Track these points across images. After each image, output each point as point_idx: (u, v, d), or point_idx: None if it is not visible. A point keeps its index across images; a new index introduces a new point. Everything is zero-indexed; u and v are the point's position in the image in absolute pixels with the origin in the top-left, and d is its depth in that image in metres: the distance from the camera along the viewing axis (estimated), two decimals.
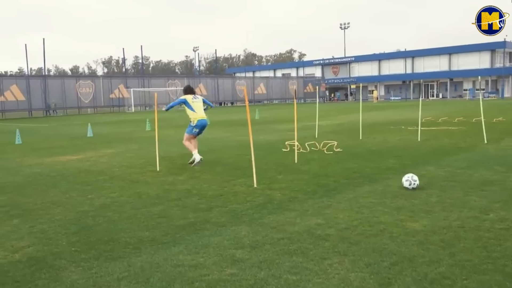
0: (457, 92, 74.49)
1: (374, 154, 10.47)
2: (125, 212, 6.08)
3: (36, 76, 59.91)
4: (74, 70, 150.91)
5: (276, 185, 7.44)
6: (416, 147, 11.65)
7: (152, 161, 10.56)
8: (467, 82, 73.79)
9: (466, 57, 72.32)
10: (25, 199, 7.13)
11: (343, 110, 36.60)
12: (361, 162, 9.34)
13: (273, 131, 17.50)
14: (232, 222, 5.43)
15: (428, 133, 14.72)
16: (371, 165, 8.94)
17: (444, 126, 17.20)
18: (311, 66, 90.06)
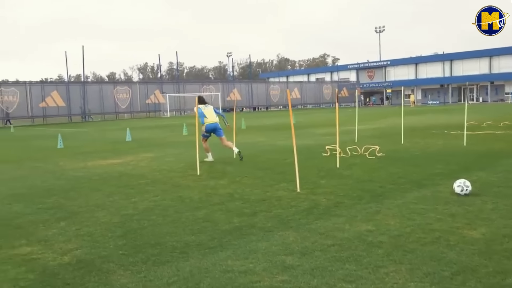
0: (498, 96, 72.10)
1: (418, 159, 10.14)
2: (169, 216, 6.05)
3: (75, 82, 61.62)
4: (111, 76, 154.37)
5: (320, 190, 7.27)
6: (462, 152, 11.23)
7: (192, 165, 10.56)
8: (509, 85, 71.35)
9: (507, 59, 69.94)
10: (70, 202, 7.22)
11: (380, 114, 35.95)
12: (406, 167, 9.05)
13: (311, 136, 17.29)
14: (278, 227, 5.30)
15: (474, 137, 14.19)
16: (417, 170, 8.64)
17: (490, 131, 16.57)
18: (345, 71, 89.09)
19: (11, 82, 48.93)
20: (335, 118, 10.05)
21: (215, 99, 57.89)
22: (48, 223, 6.04)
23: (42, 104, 45.27)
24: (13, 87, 44.73)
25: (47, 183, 9.05)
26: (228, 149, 11.55)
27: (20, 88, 44.66)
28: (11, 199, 7.73)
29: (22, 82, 46.25)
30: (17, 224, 6.07)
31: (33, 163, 12.39)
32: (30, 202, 7.40)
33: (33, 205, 7.12)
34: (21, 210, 6.88)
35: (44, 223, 6.05)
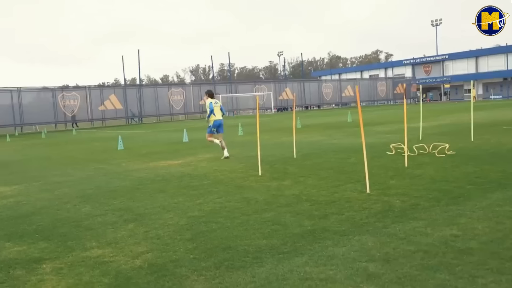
0: None
1: (494, 157, 9.47)
2: (236, 218, 5.88)
3: (131, 85, 63.50)
4: (165, 79, 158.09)
5: (392, 190, 6.88)
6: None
7: (252, 166, 10.42)
8: None
9: None
10: (136, 204, 7.23)
11: (441, 111, 34.50)
12: (482, 166, 8.45)
13: (371, 134, 16.71)
14: (353, 231, 5.00)
15: None
16: (496, 169, 8.03)
17: None
18: (400, 66, 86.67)
19: (72, 87, 51.02)
20: (392, 115, 9.61)
21: (267, 99, 57.92)
22: (117, 225, 6.04)
23: (101, 107, 46.88)
24: (74, 92, 46.64)
25: (112, 184, 9.18)
26: (215, 145, 12.64)
27: (81, 92, 46.48)
28: (79, 200, 7.86)
29: (82, 87, 48.09)
30: (87, 225, 6.11)
31: (96, 165, 12.68)
32: (97, 203, 7.49)
33: (100, 207, 7.19)
34: (89, 211, 6.96)
35: (113, 225, 6.06)
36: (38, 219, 6.70)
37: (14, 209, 7.55)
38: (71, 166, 12.90)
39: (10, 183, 10.38)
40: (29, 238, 5.70)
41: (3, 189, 9.56)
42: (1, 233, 6.04)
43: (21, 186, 9.81)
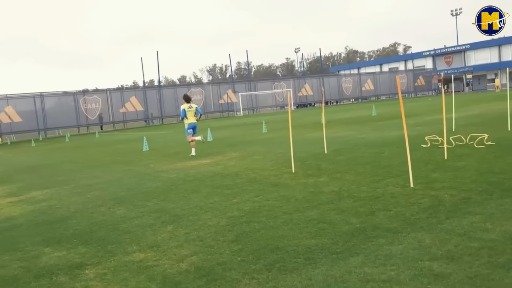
0: None
1: None
2: (278, 217, 5.67)
3: (151, 87, 63.84)
4: (182, 79, 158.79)
5: (437, 184, 6.58)
6: None
7: (283, 163, 10.20)
8: None
9: None
10: (171, 205, 7.07)
11: (466, 101, 33.73)
12: None
13: (401, 127, 16.31)
14: (406, 228, 4.74)
15: None
16: None
17: None
18: (420, 58, 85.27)
19: (92, 90, 51.45)
20: (418, 108, 9.28)
21: (286, 96, 57.54)
22: (155, 227, 5.89)
23: (122, 110, 47.17)
24: (95, 95, 47.02)
25: (143, 186, 9.05)
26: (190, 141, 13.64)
27: (102, 95, 46.83)
28: (112, 202, 7.75)
29: (103, 90, 48.47)
30: (124, 228, 5.97)
31: (124, 166, 12.61)
32: (132, 205, 7.36)
33: (135, 209, 7.06)
34: (125, 213, 6.83)
35: (151, 227, 5.90)
36: (74, 223, 6.60)
37: (49, 213, 7.48)
38: (99, 168, 12.86)
39: (41, 187, 10.36)
40: (68, 243, 5.59)
41: (35, 194, 9.53)
42: (38, 238, 5.95)
43: (52, 190, 9.77)
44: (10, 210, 8.08)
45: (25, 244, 5.76)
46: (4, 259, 5.21)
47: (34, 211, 7.79)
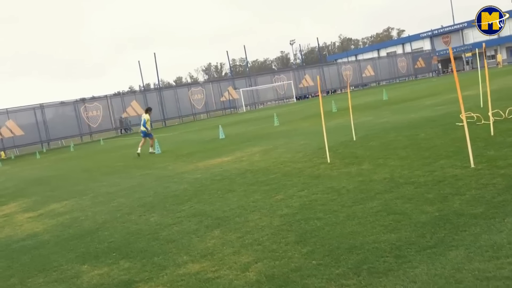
0: None
1: None
2: (338, 212, 5.09)
3: (151, 89, 63.17)
4: (178, 81, 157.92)
5: (500, 162, 6.00)
6: None
7: (312, 153, 9.66)
8: None
9: None
10: (209, 207, 6.50)
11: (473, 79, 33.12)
12: None
13: (422, 108, 15.75)
14: (496, 212, 4.17)
15: None
16: None
17: None
18: (418, 40, 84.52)
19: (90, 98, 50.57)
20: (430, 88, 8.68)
21: (288, 88, 56.99)
22: (200, 233, 5.32)
23: (124, 115, 46.56)
24: (95, 102, 46.37)
25: (170, 189, 8.48)
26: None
27: (102, 102, 46.18)
28: (142, 209, 7.18)
29: (102, 97, 47.81)
30: (166, 237, 5.41)
31: (141, 171, 12.04)
32: (165, 210, 6.80)
33: (170, 214, 6.50)
34: (160, 220, 6.26)
35: (196, 233, 5.34)
36: (107, 235, 6.04)
37: (75, 226, 6.91)
38: (115, 175, 12.28)
39: (58, 199, 9.80)
40: (107, 258, 5.03)
41: (54, 206, 8.97)
42: (72, 255, 5.39)
43: (71, 201, 9.20)
44: (32, 226, 7.51)
45: (58, 262, 5.20)
46: (39, 282, 4.66)
47: (58, 225, 7.23)
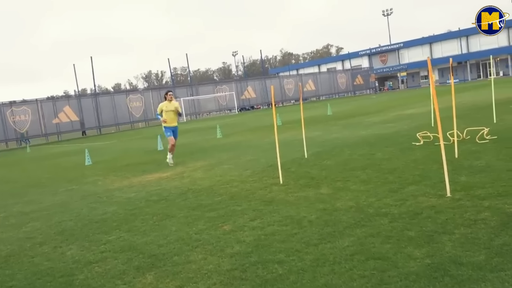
0: None
1: None
2: (303, 253, 4.14)
3: (87, 95, 60.09)
4: (116, 87, 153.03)
5: (479, 191, 5.33)
6: None
7: (261, 172, 8.72)
8: None
9: None
10: (142, 238, 5.35)
11: (413, 97, 33.83)
12: None
13: (370, 125, 15.33)
14: (502, 262, 3.38)
15: None
16: None
17: None
18: (357, 58, 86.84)
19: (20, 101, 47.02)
20: (372, 105, 8.12)
21: (229, 99, 56.19)
22: (127, 277, 4.18)
23: (56, 120, 43.65)
24: (24, 106, 43.13)
25: (97, 211, 7.21)
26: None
27: (31, 106, 42.98)
28: (59, 238, 5.90)
29: (32, 100, 44.55)
30: (82, 281, 4.22)
31: (68, 185, 10.58)
32: (86, 241, 5.57)
33: (93, 246, 5.29)
34: (79, 255, 5.04)
35: (122, 277, 4.19)
36: (7, 275, 4.73)
37: None
38: (38, 189, 10.71)
39: None
40: None
41: None
42: None
43: None
44: None
45: None
46: None
47: None
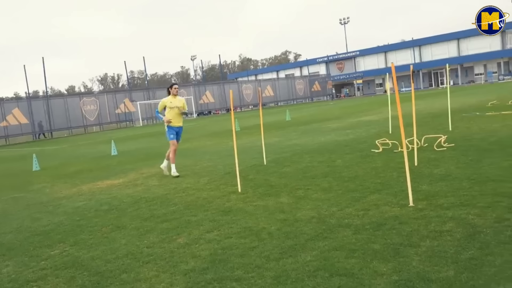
0: (468, 78, 72.41)
1: (503, 146, 8.26)
2: (263, 268, 3.86)
3: (38, 97, 57.78)
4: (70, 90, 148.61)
5: (441, 200, 5.22)
6: None
7: (218, 179, 8.42)
8: (478, 66, 71.75)
9: (475, 41, 70.30)
10: (88, 253, 4.92)
11: (370, 104, 34.42)
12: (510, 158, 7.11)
13: (329, 131, 15.29)
14: (472, 278, 3.21)
15: None
16: None
17: None
18: (315, 64, 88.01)
19: None
20: (328, 112, 8.08)
21: (188, 103, 55.44)
22: None
23: (3, 123, 41.64)
24: None
25: (40, 222, 6.67)
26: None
27: None
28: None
29: None
30: None
31: (11, 193, 9.88)
32: (26, 256, 5.07)
33: (33, 262, 4.81)
34: (16, 273, 4.56)
35: None
36: None
37: None
38: None
39: None
40: None
41: None
42: None
43: None
44: None
45: None
46: None
47: None
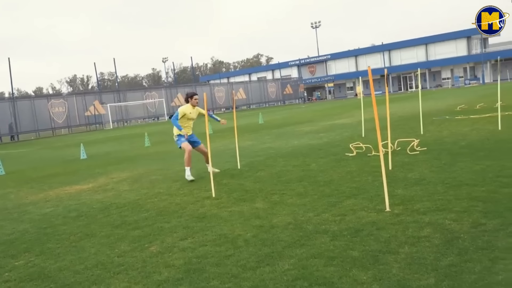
0: (436, 82, 74.16)
1: (475, 149, 8.37)
2: (240, 278, 3.73)
3: (3, 99, 56.14)
4: (38, 91, 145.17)
5: (417, 205, 5.20)
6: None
7: (193, 184, 8.23)
8: (445, 71, 73.55)
9: (442, 46, 72.13)
10: (55, 263, 4.69)
11: (343, 108, 34.75)
12: (480, 162, 7.19)
13: (302, 135, 15.28)
14: (453, 286, 3.17)
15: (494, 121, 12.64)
16: (498, 164, 6.82)
17: (489, 113, 15.27)
18: (287, 68, 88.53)
19: None
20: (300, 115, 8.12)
21: (159, 106, 54.93)
22: None
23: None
24: None
25: (4, 230, 6.37)
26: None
27: None
28: None
29: None
30: None
31: None
32: None
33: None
34: None
35: None
36: None
37: None
38: None
39: None
40: None
41: None
42: None
43: None
44: None
45: None
46: None
47: None
